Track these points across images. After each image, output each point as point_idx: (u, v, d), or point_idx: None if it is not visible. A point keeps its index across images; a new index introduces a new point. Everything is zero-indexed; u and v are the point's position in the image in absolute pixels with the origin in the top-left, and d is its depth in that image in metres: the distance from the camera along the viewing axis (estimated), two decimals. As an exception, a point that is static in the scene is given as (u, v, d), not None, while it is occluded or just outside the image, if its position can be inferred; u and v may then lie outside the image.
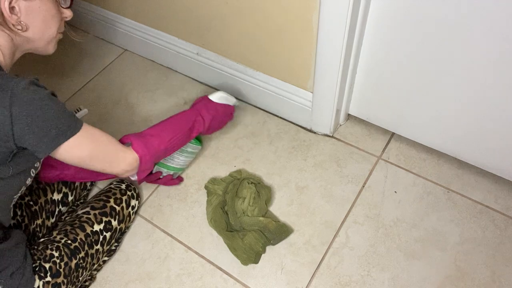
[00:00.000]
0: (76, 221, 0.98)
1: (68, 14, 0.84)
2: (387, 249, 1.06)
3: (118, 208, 1.05)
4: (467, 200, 1.13)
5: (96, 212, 1.01)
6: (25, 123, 0.71)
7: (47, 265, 0.87)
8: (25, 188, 0.86)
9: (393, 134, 1.27)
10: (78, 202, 1.15)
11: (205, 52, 1.34)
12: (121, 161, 0.90)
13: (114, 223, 1.03)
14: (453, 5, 0.85)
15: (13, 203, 0.87)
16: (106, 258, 1.08)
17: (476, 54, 0.90)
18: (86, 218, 0.99)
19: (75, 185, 1.11)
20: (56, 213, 1.05)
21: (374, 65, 1.08)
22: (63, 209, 1.09)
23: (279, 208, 1.15)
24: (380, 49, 1.04)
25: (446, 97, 1.03)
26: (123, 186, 1.10)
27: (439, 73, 0.99)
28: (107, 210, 1.03)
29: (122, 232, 1.10)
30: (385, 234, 1.09)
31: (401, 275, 1.03)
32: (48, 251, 0.90)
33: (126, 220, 1.08)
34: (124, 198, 1.08)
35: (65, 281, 0.89)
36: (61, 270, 0.89)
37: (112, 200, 1.05)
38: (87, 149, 0.82)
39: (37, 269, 0.86)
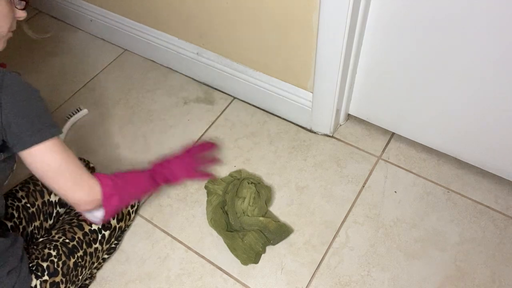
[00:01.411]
0: (74, 220, 0.98)
1: (22, 14, 0.81)
2: (387, 249, 1.06)
3: None
4: (467, 200, 1.13)
5: None
6: (12, 112, 0.71)
7: (44, 264, 0.87)
8: (11, 176, 0.85)
9: (393, 134, 1.27)
10: None
11: (205, 52, 1.34)
12: (85, 183, 0.81)
13: (113, 221, 1.03)
14: (452, 5, 0.85)
15: (3, 192, 0.88)
16: (106, 256, 1.08)
17: (476, 54, 0.90)
18: None
19: None
20: (54, 214, 1.05)
21: (374, 65, 1.08)
22: (61, 210, 1.08)
23: (279, 208, 1.15)
24: (380, 49, 1.04)
25: (446, 97, 1.03)
26: None
27: (439, 73, 0.99)
28: None
29: (123, 231, 1.10)
30: (385, 234, 1.09)
31: (401, 275, 1.03)
32: (46, 250, 0.90)
33: (126, 219, 1.08)
34: None
35: (64, 280, 0.89)
36: (59, 269, 0.89)
37: None
38: (60, 158, 0.77)
39: (34, 268, 0.86)
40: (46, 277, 0.86)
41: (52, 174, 0.78)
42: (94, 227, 0.98)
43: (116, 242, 1.09)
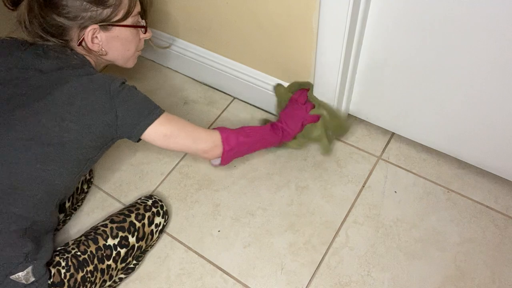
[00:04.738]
0: (92, 233, 0.95)
1: (147, 35, 1.01)
2: (387, 249, 1.07)
3: (138, 225, 1.00)
4: (467, 200, 1.13)
5: (114, 226, 0.97)
6: (125, 110, 0.87)
7: (52, 270, 0.86)
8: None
9: (393, 134, 1.27)
10: (76, 206, 1.15)
11: (205, 52, 1.34)
12: (203, 138, 0.98)
13: (132, 239, 0.98)
14: (453, 5, 0.85)
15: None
16: (122, 276, 1.04)
17: (477, 54, 0.90)
18: (102, 230, 0.96)
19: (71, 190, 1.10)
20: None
21: (374, 65, 1.08)
22: (61, 216, 1.08)
23: (279, 208, 1.15)
24: (380, 49, 1.04)
25: (447, 97, 1.03)
26: (149, 202, 1.06)
27: (439, 73, 0.99)
28: (126, 225, 0.98)
29: (143, 251, 1.05)
30: (385, 234, 1.09)
31: (401, 275, 1.03)
32: (57, 258, 0.88)
33: (147, 239, 1.03)
34: (147, 214, 1.03)
35: None
36: (66, 280, 0.86)
37: (133, 216, 1.00)
38: (170, 126, 0.93)
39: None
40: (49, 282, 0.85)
41: (170, 140, 0.94)
42: (110, 242, 0.94)
43: (135, 262, 1.05)
